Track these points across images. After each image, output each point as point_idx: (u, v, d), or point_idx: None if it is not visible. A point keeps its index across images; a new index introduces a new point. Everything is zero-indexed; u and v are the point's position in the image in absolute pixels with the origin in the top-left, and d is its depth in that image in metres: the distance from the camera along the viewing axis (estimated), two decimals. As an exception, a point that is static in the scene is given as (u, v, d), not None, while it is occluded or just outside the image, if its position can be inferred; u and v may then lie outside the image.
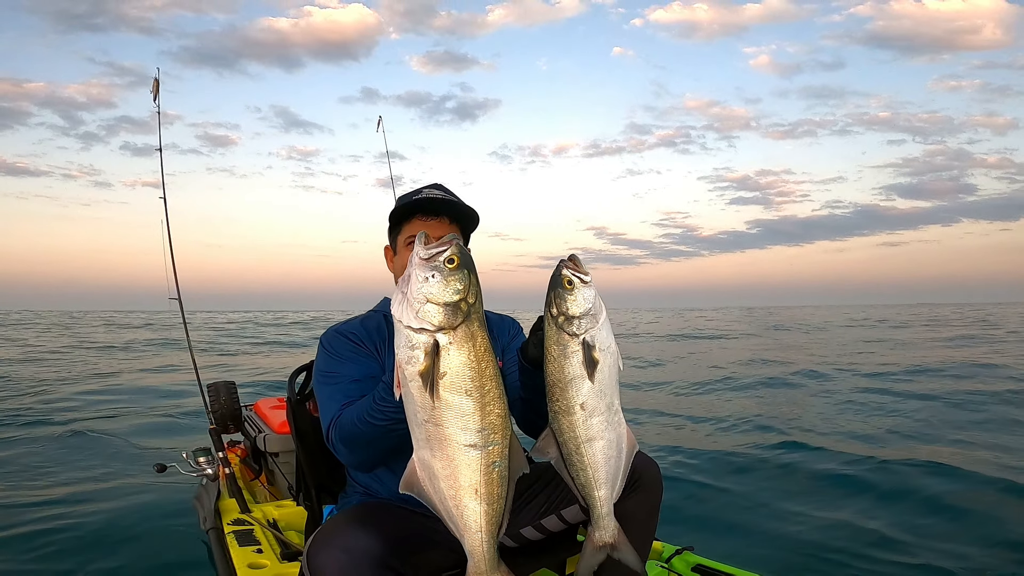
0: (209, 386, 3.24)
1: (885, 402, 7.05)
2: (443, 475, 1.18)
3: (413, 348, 1.14)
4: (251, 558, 2.10)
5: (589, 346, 1.25)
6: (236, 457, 3.24)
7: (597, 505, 1.31)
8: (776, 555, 3.00)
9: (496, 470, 1.19)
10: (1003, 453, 4.68)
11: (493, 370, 1.17)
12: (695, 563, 2.18)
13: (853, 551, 3.01)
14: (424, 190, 1.69)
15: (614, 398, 1.30)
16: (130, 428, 6.52)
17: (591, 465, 1.29)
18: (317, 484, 1.89)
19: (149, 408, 7.80)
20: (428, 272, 1.16)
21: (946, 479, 3.94)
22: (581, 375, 1.25)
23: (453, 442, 1.16)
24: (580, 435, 1.27)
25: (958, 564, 2.82)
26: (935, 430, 5.50)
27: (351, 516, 1.43)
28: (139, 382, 10.16)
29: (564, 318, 1.26)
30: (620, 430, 1.32)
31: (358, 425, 1.40)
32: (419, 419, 1.16)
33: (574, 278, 1.27)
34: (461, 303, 1.15)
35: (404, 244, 1.67)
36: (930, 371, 10.04)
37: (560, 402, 1.27)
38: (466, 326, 1.15)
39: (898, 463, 4.27)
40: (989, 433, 5.44)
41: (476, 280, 1.19)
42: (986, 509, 3.44)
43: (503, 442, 1.19)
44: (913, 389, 7.94)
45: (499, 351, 1.77)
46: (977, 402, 6.92)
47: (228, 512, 2.55)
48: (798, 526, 3.35)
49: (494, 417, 1.17)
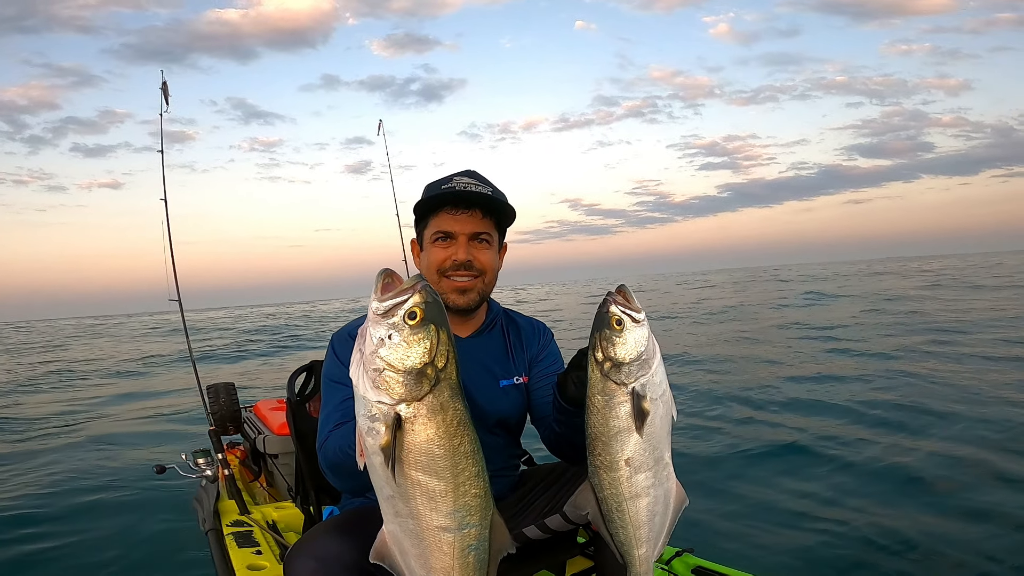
0: (209, 387, 3.24)
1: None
2: (413, 554, 1.06)
3: (373, 419, 0.98)
4: (250, 559, 2.10)
5: (639, 396, 1.10)
6: (235, 458, 3.23)
7: (635, 564, 1.20)
8: (776, 556, 2.99)
9: (472, 554, 1.05)
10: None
11: (469, 446, 1.01)
12: (695, 565, 2.18)
13: (856, 549, 3.01)
14: (455, 178, 1.52)
15: (664, 451, 1.16)
16: (129, 429, 6.52)
17: (633, 524, 1.16)
18: (316, 486, 1.88)
19: (149, 408, 7.80)
20: (385, 331, 0.97)
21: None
22: (628, 428, 1.11)
23: (423, 522, 1.02)
24: (623, 492, 1.14)
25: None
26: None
27: (333, 523, 1.40)
28: (136, 386, 10.16)
29: (611, 364, 1.10)
30: (668, 485, 1.18)
31: (340, 455, 1.30)
32: (385, 493, 1.03)
33: (624, 317, 1.10)
34: (427, 369, 0.97)
35: (431, 240, 1.52)
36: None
37: (602, 457, 1.13)
38: (434, 396, 0.98)
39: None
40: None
41: (448, 336, 1.00)
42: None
43: (482, 523, 1.05)
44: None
45: (525, 363, 1.65)
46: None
47: (227, 513, 2.55)
48: (798, 525, 3.34)
49: (470, 498, 1.02)
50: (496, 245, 1.58)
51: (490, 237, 1.55)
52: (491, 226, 1.54)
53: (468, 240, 1.51)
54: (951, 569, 2.80)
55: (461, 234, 1.50)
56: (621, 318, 1.10)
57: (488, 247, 1.55)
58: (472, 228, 1.51)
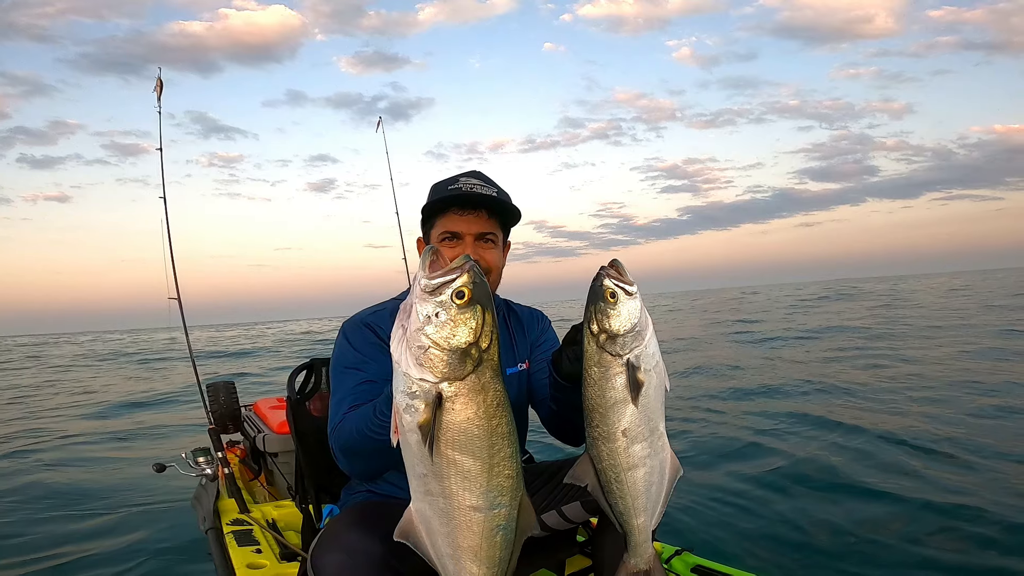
0: (208, 386, 3.24)
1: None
2: (442, 533, 1.06)
3: (412, 396, 0.98)
4: (250, 558, 2.10)
5: (634, 367, 1.12)
6: (235, 457, 3.24)
7: (635, 532, 1.22)
8: (776, 556, 2.99)
9: (500, 534, 1.06)
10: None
11: (506, 427, 1.02)
12: (694, 564, 2.18)
13: (853, 546, 3.01)
14: (461, 179, 1.55)
15: (659, 422, 1.18)
16: (129, 428, 6.52)
17: (631, 494, 1.18)
18: (316, 485, 1.88)
19: (148, 408, 7.80)
20: (432, 308, 0.97)
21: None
22: (624, 399, 1.13)
23: (454, 501, 1.03)
24: (621, 463, 1.16)
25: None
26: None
27: (354, 517, 1.40)
28: (134, 387, 10.14)
29: (606, 336, 1.11)
30: (663, 455, 1.21)
31: (356, 437, 1.31)
32: (417, 471, 1.04)
33: (617, 290, 1.11)
34: (471, 349, 0.97)
35: (438, 240, 1.54)
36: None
37: (600, 428, 1.15)
38: (476, 376, 0.98)
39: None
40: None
41: (492, 318, 1.00)
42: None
43: (511, 504, 1.06)
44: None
45: (527, 348, 1.70)
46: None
47: (227, 512, 2.55)
48: (799, 526, 3.34)
49: (503, 479, 1.03)
50: (501, 244, 1.62)
51: (496, 237, 1.58)
52: (496, 226, 1.57)
53: (475, 240, 1.54)
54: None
55: (468, 234, 1.53)
56: (615, 291, 1.11)
57: (494, 247, 1.58)
58: (479, 228, 1.53)
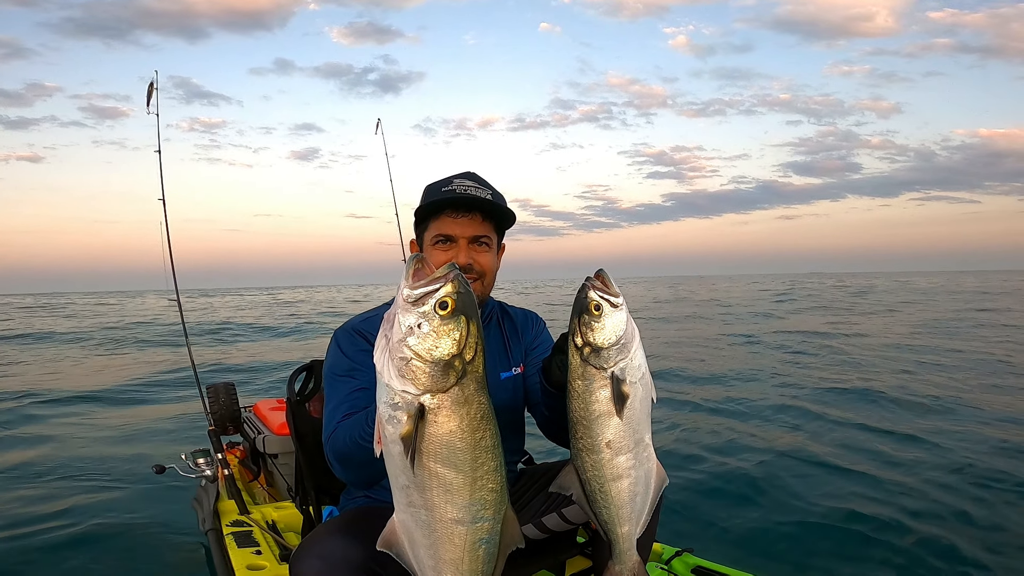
0: (208, 387, 3.24)
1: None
2: (423, 544, 1.05)
3: (395, 408, 0.96)
4: (250, 559, 2.10)
5: (619, 380, 1.11)
6: (235, 458, 3.23)
7: (619, 541, 1.23)
8: (776, 556, 2.99)
9: (483, 547, 1.05)
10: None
11: (490, 440, 1.01)
12: (695, 564, 2.18)
13: (852, 545, 3.01)
14: (455, 180, 1.53)
15: (644, 433, 1.18)
16: (128, 428, 6.51)
17: (616, 504, 1.19)
18: (316, 486, 1.88)
19: (147, 408, 7.79)
20: (414, 319, 0.95)
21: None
22: (608, 411, 1.12)
23: (436, 514, 1.02)
24: (605, 474, 1.16)
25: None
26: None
27: (338, 524, 1.40)
28: (135, 381, 10.14)
29: (590, 349, 1.11)
30: (648, 466, 1.21)
31: (350, 445, 1.30)
32: (400, 483, 1.03)
33: (603, 302, 1.11)
34: (455, 361, 0.96)
35: (432, 243, 1.52)
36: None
37: (584, 440, 1.15)
38: (459, 388, 0.97)
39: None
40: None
41: (477, 329, 0.98)
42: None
43: (495, 517, 1.05)
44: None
45: (522, 352, 1.69)
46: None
47: (227, 513, 2.55)
48: (799, 526, 3.34)
49: (486, 492, 1.02)
50: (495, 247, 1.60)
51: (490, 240, 1.56)
52: (491, 229, 1.56)
53: (468, 243, 1.52)
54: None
55: (461, 237, 1.51)
56: (599, 303, 1.11)
57: (488, 250, 1.56)
58: (472, 232, 1.52)
